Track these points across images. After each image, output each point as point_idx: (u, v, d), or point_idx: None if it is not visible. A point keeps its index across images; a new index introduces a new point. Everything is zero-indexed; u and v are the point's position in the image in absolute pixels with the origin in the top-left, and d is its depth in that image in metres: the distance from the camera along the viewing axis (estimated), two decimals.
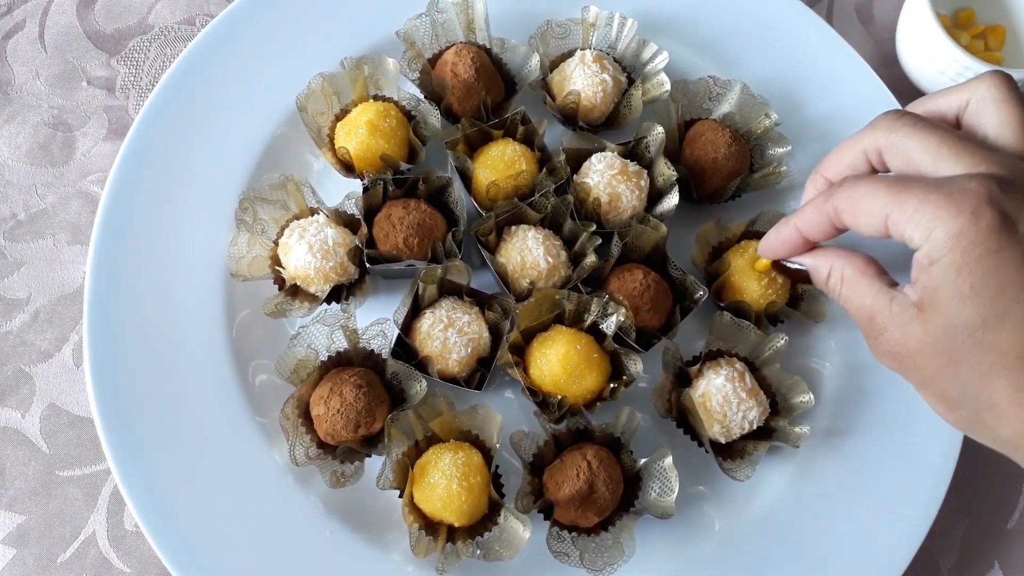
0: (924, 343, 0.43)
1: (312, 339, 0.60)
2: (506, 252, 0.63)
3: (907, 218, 0.42)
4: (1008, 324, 0.40)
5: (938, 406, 0.45)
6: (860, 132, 0.49)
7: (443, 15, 0.70)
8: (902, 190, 0.42)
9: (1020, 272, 0.39)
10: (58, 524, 0.63)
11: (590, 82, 0.68)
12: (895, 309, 0.44)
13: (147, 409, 0.61)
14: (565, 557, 0.56)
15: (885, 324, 0.45)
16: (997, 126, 0.46)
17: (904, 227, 0.42)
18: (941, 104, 0.49)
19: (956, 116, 0.49)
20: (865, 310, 0.46)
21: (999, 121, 0.46)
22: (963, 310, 0.40)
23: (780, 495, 0.62)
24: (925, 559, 0.64)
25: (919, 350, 0.43)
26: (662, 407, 0.61)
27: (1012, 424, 0.41)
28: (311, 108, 0.66)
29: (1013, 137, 0.45)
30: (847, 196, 0.46)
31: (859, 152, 0.49)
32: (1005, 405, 0.41)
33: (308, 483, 0.60)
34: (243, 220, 0.63)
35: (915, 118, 0.46)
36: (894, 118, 0.47)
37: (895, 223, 0.43)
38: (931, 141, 0.44)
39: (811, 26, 0.76)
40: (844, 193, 0.46)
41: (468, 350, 0.60)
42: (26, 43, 0.78)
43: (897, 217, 0.42)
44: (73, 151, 0.74)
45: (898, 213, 0.42)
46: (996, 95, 0.46)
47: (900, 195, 0.42)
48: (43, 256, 0.71)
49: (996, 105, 0.46)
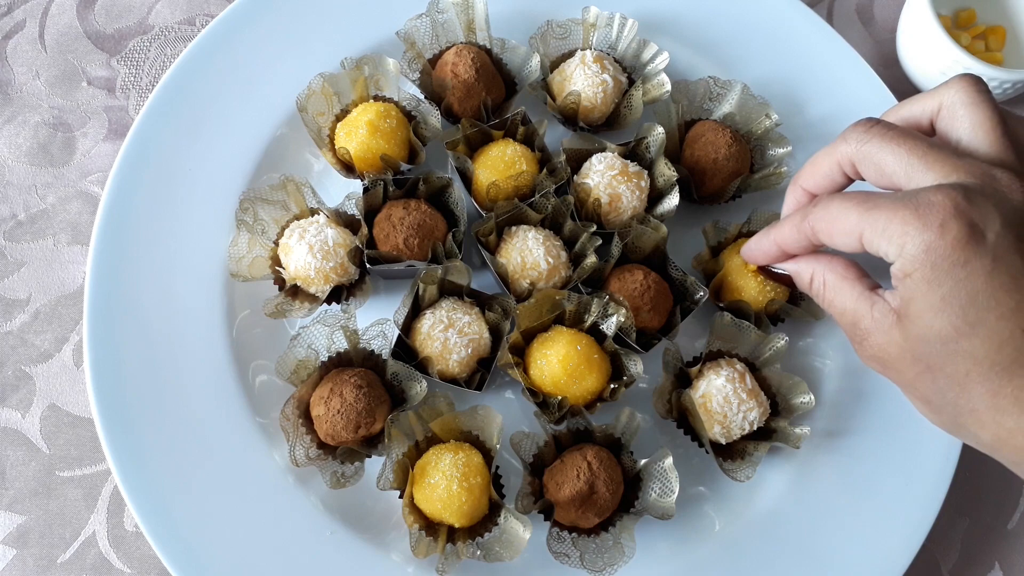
0: (904, 349, 0.44)
1: (312, 340, 0.60)
2: (506, 253, 0.63)
3: (879, 235, 0.43)
4: (980, 332, 0.40)
5: (922, 409, 0.46)
6: (834, 143, 0.50)
7: (443, 15, 0.70)
8: (872, 208, 0.43)
9: (990, 281, 0.40)
10: (58, 524, 0.63)
11: (590, 82, 0.68)
12: (876, 315, 0.45)
13: (147, 410, 0.61)
14: (565, 558, 0.56)
15: (868, 329, 0.46)
16: (970, 129, 0.46)
17: (877, 244, 0.43)
18: (914, 110, 0.50)
19: (929, 121, 0.49)
20: (848, 315, 0.47)
21: (971, 124, 0.46)
22: (936, 320, 0.41)
23: (781, 496, 0.62)
24: (925, 560, 0.64)
25: (900, 356, 0.44)
26: (662, 408, 0.61)
27: (991, 429, 0.42)
28: (311, 108, 0.66)
29: (986, 139, 0.46)
30: (822, 216, 0.47)
31: (834, 163, 0.50)
32: (983, 410, 0.42)
33: (308, 484, 0.60)
34: (243, 220, 0.63)
35: (886, 128, 0.46)
36: (865, 128, 0.47)
37: (868, 240, 0.44)
38: (901, 152, 0.45)
39: (812, 27, 0.76)
40: (819, 213, 0.47)
41: (468, 351, 0.60)
42: (26, 43, 0.78)
43: (870, 235, 0.43)
44: (73, 151, 0.74)
45: (870, 231, 0.43)
46: (966, 98, 0.46)
47: (871, 212, 0.43)
48: (43, 256, 0.71)
49: (967, 108, 0.46)
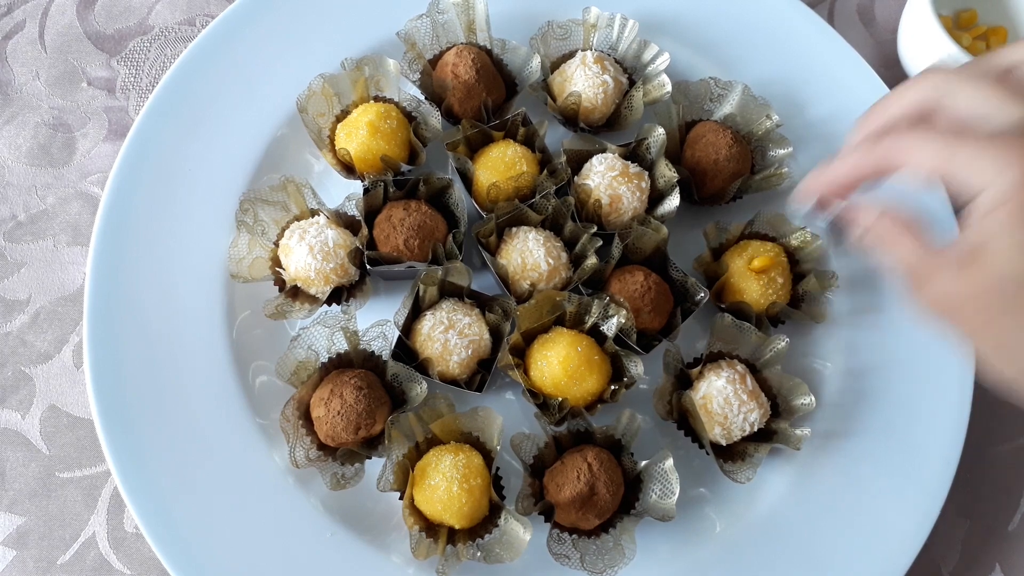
0: (978, 291, 0.41)
1: (312, 341, 0.60)
2: (507, 254, 0.63)
3: (964, 166, 0.40)
4: None
5: (991, 357, 0.43)
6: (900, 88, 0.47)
7: (444, 16, 0.70)
8: (960, 140, 0.41)
9: None
10: (58, 526, 0.63)
11: (591, 83, 0.67)
12: (945, 254, 0.42)
13: (147, 410, 0.60)
14: (566, 559, 0.56)
15: (934, 269, 0.43)
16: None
17: (964, 175, 0.40)
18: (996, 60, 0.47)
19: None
20: (910, 256, 0.44)
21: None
22: (1021, 258, 0.39)
23: (781, 497, 0.62)
24: (926, 561, 0.64)
25: (972, 298, 0.41)
26: (663, 409, 0.61)
27: None
28: (312, 109, 0.66)
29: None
30: (899, 143, 0.44)
31: (908, 105, 0.47)
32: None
33: (308, 485, 0.60)
34: (243, 221, 0.63)
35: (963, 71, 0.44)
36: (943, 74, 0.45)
37: (953, 171, 0.41)
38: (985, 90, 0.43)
39: (813, 27, 0.76)
40: (895, 139, 0.44)
41: (469, 352, 0.60)
42: (26, 44, 0.77)
43: (955, 165, 0.40)
44: (73, 152, 0.74)
45: (957, 161, 0.40)
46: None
47: (959, 142, 0.41)
48: (43, 257, 0.71)
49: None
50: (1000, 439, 0.69)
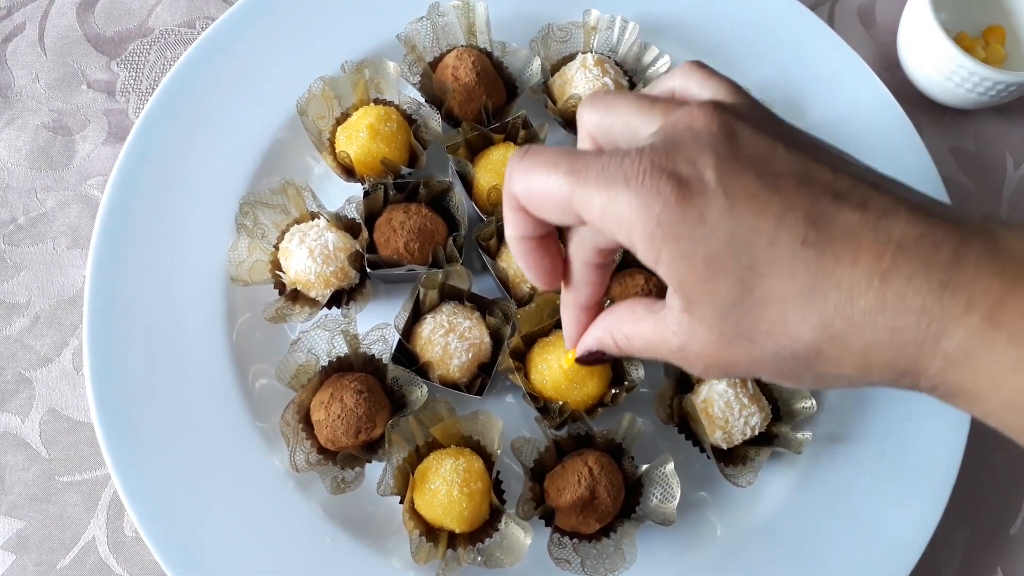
0: (719, 341, 0.37)
1: (312, 344, 0.60)
2: (507, 257, 0.63)
3: (600, 221, 0.36)
4: (763, 270, 0.34)
5: (793, 385, 0.39)
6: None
7: (444, 19, 0.70)
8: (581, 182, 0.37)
9: (733, 218, 0.34)
10: (58, 530, 0.63)
11: (591, 86, 0.67)
12: (672, 326, 0.39)
13: (147, 414, 0.60)
14: (566, 564, 0.56)
15: (681, 345, 0.39)
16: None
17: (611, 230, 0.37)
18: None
19: None
20: (660, 348, 0.40)
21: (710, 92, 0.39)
22: (719, 290, 0.35)
23: (782, 501, 0.62)
24: (927, 566, 0.64)
25: (724, 350, 0.38)
26: (664, 413, 0.61)
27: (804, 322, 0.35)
28: (311, 112, 0.66)
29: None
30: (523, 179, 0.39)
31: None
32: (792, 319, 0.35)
33: (308, 489, 0.60)
34: (243, 225, 0.63)
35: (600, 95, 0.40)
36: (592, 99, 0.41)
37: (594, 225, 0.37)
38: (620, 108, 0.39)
39: (813, 29, 0.76)
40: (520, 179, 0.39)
41: (469, 355, 0.60)
42: (26, 46, 0.77)
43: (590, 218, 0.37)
44: (73, 155, 0.74)
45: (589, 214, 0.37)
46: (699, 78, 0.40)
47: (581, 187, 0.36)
48: (43, 260, 0.70)
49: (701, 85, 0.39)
50: (1001, 445, 0.68)
